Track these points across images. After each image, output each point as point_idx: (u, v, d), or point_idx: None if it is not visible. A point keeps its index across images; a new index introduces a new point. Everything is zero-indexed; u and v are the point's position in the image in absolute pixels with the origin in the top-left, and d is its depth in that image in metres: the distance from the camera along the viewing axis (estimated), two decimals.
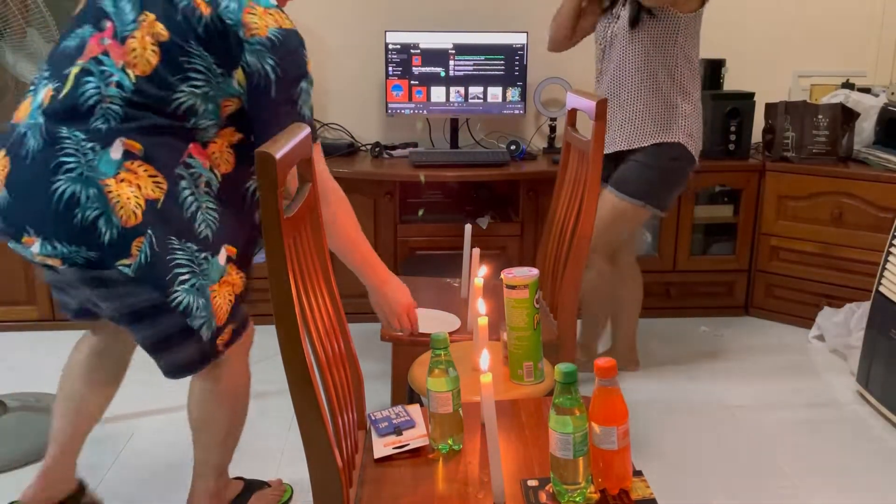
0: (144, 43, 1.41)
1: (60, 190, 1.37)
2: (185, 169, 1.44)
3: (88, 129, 1.39)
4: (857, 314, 2.78)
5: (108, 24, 1.44)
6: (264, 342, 2.65)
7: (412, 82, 3.14)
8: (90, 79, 1.41)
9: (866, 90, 3.14)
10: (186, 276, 1.44)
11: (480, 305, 1.54)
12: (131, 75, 1.41)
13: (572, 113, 2.08)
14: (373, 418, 1.43)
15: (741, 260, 3.18)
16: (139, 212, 1.39)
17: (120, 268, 1.39)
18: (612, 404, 1.13)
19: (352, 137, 3.28)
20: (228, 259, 1.51)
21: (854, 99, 3.03)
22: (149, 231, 1.40)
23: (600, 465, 1.15)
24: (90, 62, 1.42)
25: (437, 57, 3.09)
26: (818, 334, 2.96)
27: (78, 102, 1.40)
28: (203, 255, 1.46)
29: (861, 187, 2.86)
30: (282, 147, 1.04)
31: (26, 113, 1.46)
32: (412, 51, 3.10)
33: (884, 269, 2.41)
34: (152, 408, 2.46)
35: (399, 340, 1.93)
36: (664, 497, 1.97)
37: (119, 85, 1.40)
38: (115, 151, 1.39)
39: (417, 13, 3.22)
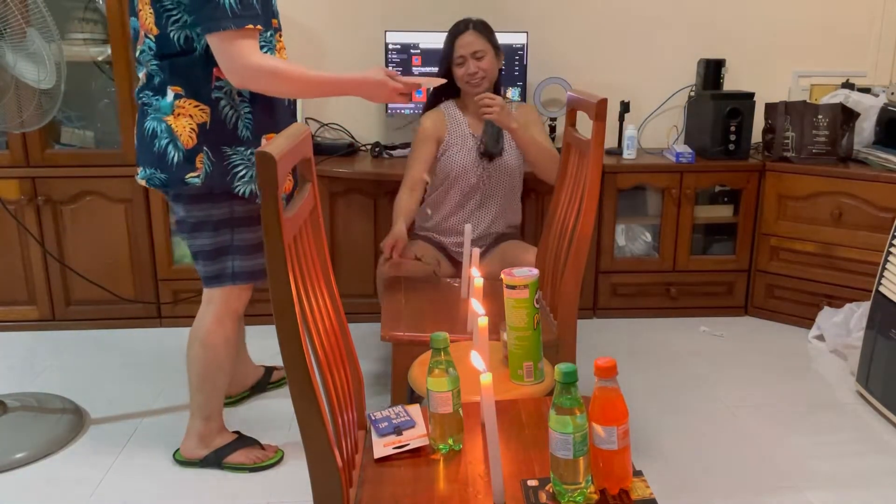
0: (145, 9, 1.80)
1: (147, 128, 1.85)
2: (218, 91, 1.83)
3: (152, 86, 1.85)
4: (857, 314, 2.78)
5: (137, 8, 1.85)
6: (264, 342, 2.67)
7: None
8: (144, 54, 1.86)
9: (866, 90, 3.13)
10: (243, 172, 1.88)
11: (480, 305, 1.54)
12: (151, 37, 1.82)
13: (572, 113, 2.08)
14: (373, 418, 1.43)
15: (741, 260, 3.18)
16: (194, 135, 1.82)
17: (189, 180, 1.84)
18: (612, 404, 1.13)
19: (352, 137, 3.28)
20: None
21: (854, 99, 3.03)
22: (205, 148, 1.83)
23: (600, 465, 1.15)
24: (142, 44, 1.85)
25: (437, 57, 3.09)
26: (818, 334, 2.96)
27: (146, 72, 1.86)
28: (249, 151, 1.88)
29: (861, 187, 2.86)
30: (282, 147, 1.04)
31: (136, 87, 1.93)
32: (412, 51, 3.10)
33: (884, 269, 2.41)
34: (152, 408, 2.46)
35: (399, 340, 1.93)
36: (664, 497, 1.97)
37: (150, 48, 1.83)
38: (168, 96, 1.83)
39: (417, 13, 3.22)
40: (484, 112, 2.34)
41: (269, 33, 1.88)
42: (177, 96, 1.82)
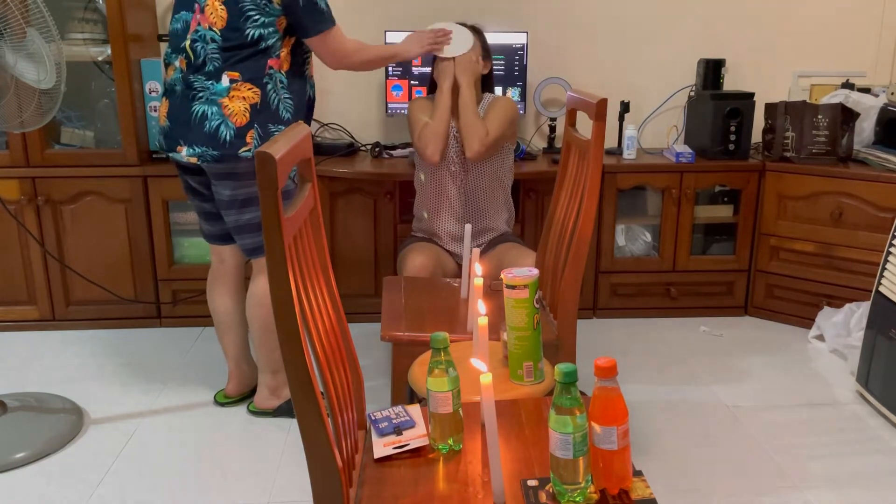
0: (214, 6, 2.07)
1: (195, 110, 2.10)
2: (268, 78, 2.11)
3: (205, 72, 2.10)
4: (857, 314, 2.78)
5: (196, 5, 2.11)
6: None
7: (412, 82, 3.14)
8: (197, 44, 2.10)
9: (866, 90, 3.14)
10: None
11: (480, 305, 1.54)
12: (216, 30, 2.08)
13: (572, 113, 2.08)
14: (373, 418, 1.43)
15: (741, 260, 3.18)
16: (247, 114, 2.09)
17: (242, 153, 2.09)
18: (612, 404, 1.13)
19: (352, 137, 3.28)
20: None
21: (854, 99, 3.03)
22: (255, 125, 2.10)
23: (600, 465, 1.15)
24: (194, 34, 2.10)
25: None
26: (818, 334, 2.96)
27: (198, 60, 2.10)
28: (285, 129, 2.04)
29: (861, 187, 2.86)
30: (281, 147, 1.04)
31: (171, 73, 2.18)
32: None
33: (884, 269, 2.41)
34: (152, 408, 2.46)
35: (399, 340, 1.93)
36: (664, 497, 1.97)
37: (213, 40, 2.08)
38: (224, 81, 2.09)
39: (417, 13, 3.22)
40: (435, 46, 2.44)
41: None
42: (233, 81, 2.09)
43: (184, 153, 2.12)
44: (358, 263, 3.06)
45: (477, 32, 2.51)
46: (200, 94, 2.10)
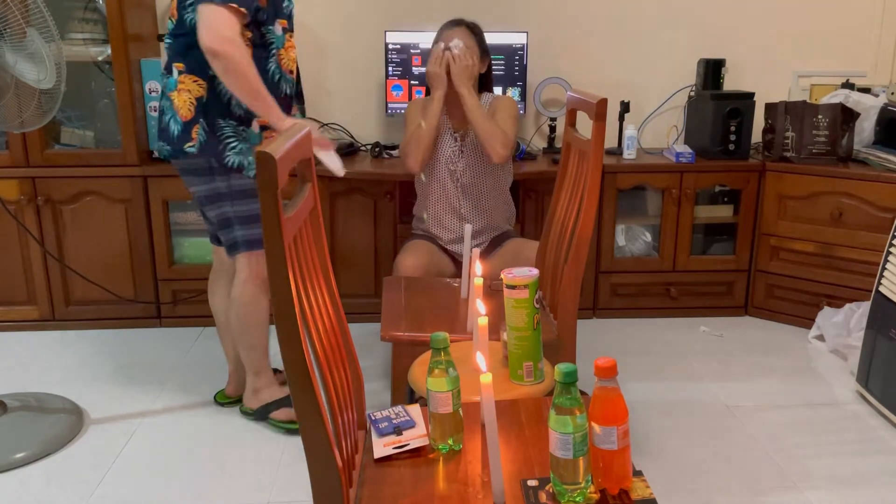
0: None
1: (160, 107, 2.13)
2: None
3: (166, 66, 2.10)
4: (857, 314, 2.78)
5: None
6: None
7: (412, 82, 3.14)
8: (166, 37, 2.11)
9: (866, 90, 3.14)
10: (234, 143, 2.07)
11: (480, 305, 1.54)
12: (173, 20, 2.06)
13: (572, 113, 2.08)
14: (373, 418, 1.43)
15: (741, 260, 3.18)
16: (192, 108, 2.03)
17: (187, 149, 2.04)
18: (612, 404, 1.13)
19: (352, 137, 3.28)
20: (262, 128, 2.12)
21: (854, 99, 3.03)
22: (201, 119, 2.03)
23: (600, 465, 1.15)
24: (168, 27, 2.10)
25: None
26: (818, 334, 2.96)
27: (167, 54, 2.10)
28: (241, 126, 2.08)
29: (861, 187, 2.86)
30: (281, 147, 1.04)
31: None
32: (412, 51, 3.10)
33: (884, 269, 2.41)
34: (152, 408, 2.46)
35: (399, 340, 1.93)
36: (664, 497, 1.97)
37: (170, 31, 2.08)
38: (174, 73, 2.06)
39: (417, 13, 3.22)
40: (445, 60, 2.39)
41: (279, 30, 2.09)
42: (179, 73, 2.04)
43: (155, 148, 2.16)
44: (358, 263, 3.06)
45: (473, 30, 2.51)
46: (163, 90, 2.13)
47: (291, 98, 2.22)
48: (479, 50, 2.49)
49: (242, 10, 1.93)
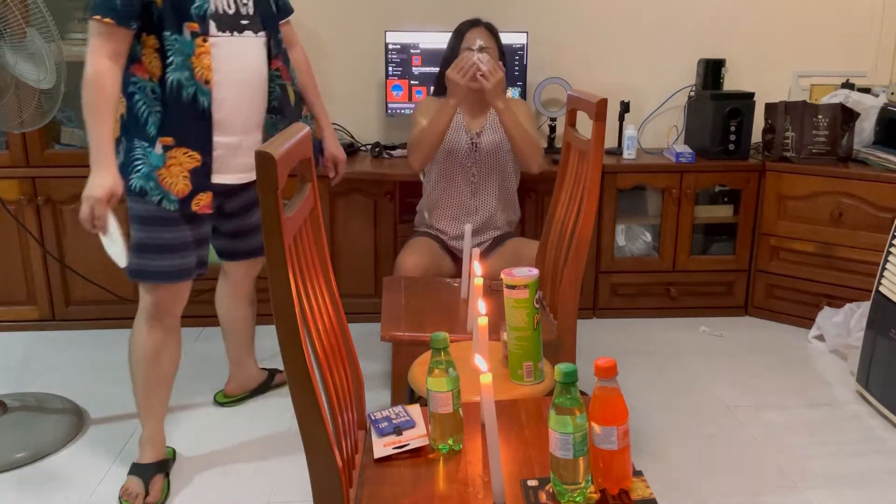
0: None
1: None
2: (133, 85, 1.85)
3: None
4: (857, 314, 2.78)
5: None
6: (265, 342, 2.67)
7: (412, 82, 3.14)
8: None
9: (866, 90, 3.14)
10: (140, 166, 1.88)
11: (480, 305, 1.54)
12: None
13: (572, 113, 2.08)
14: (373, 418, 1.43)
15: (741, 260, 3.18)
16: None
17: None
18: (612, 404, 1.13)
19: (352, 137, 3.28)
20: (165, 147, 1.88)
21: (854, 99, 3.03)
22: (123, 138, 1.88)
23: (600, 465, 1.15)
24: None
25: (436, 57, 3.09)
26: (818, 334, 2.96)
27: None
28: (148, 147, 1.88)
29: (861, 187, 2.86)
30: (281, 147, 1.04)
31: None
32: (412, 51, 3.10)
33: (884, 269, 2.41)
34: None
35: (399, 340, 1.93)
36: (664, 497, 1.97)
37: None
38: None
39: (417, 13, 3.22)
40: (472, 75, 2.31)
41: (188, 35, 1.81)
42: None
43: None
44: (358, 263, 3.06)
45: (491, 30, 2.49)
46: None
47: (208, 119, 1.90)
48: (497, 51, 2.49)
49: (108, 20, 1.74)
